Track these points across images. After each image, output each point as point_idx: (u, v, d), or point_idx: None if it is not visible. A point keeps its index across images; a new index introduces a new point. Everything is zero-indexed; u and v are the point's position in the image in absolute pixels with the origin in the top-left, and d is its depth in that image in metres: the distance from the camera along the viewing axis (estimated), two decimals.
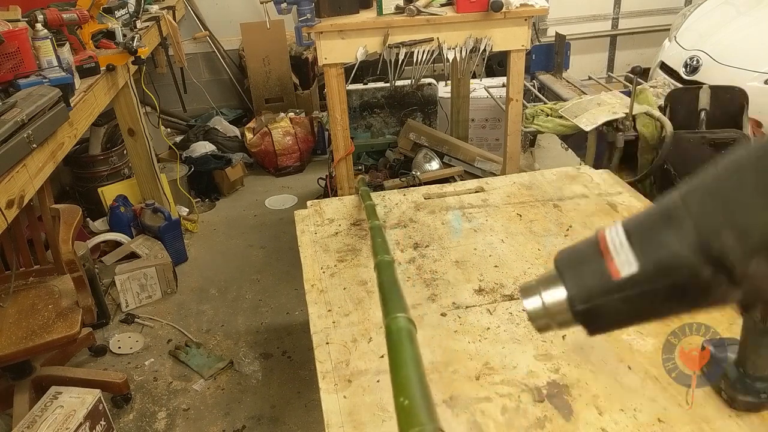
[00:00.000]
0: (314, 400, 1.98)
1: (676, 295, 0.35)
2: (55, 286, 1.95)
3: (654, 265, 0.34)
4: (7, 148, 1.42)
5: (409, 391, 0.59)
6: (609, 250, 0.36)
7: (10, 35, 1.76)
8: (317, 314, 1.22)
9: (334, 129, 2.51)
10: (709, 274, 0.33)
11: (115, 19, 2.73)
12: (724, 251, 0.33)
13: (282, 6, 2.30)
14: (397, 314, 0.75)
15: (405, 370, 0.64)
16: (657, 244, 0.35)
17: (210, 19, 4.21)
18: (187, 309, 2.60)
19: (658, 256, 0.34)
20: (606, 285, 0.36)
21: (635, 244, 0.35)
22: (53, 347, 1.80)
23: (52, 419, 1.67)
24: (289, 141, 3.81)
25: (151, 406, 2.08)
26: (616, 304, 0.36)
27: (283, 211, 3.43)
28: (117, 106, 2.73)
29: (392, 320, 0.75)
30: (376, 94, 3.39)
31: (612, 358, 1.05)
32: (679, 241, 0.34)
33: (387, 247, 1.10)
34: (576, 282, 0.37)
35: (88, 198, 3.13)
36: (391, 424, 0.94)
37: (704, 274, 0.33)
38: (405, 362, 0.66)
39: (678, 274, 0.34)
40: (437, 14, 2.32)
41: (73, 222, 1.81)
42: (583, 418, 0.93)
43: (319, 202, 1.73)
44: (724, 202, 0.33)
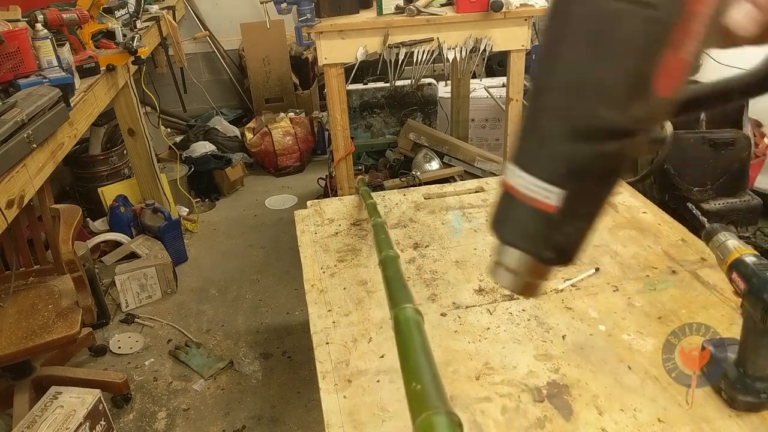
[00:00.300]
0: (314, 400, 1.98)
1: (610, 174, 0.34)
2: (55, 286, 1.95)
3: (568, 179, 0.33)
4: (7, 148, 1.42)
5: (421, 376, 0.59)
6: (525, 194, 0.35)
7: (10, 35, 1.76)
8: (317, 314, 1.22)
9: (334, 129, 2.52)
10: (614, 144, 0.32)
11: (115, 19, 2.73)
12: (609, 122, 0.31)
13: (282, 6, 2.30)
14: (404, 305, 0.76)
15: (415, 356, 0.65)
16: (553, 159, 0.33)
17: (210, 19, 4.21)
18: (187, 309, 2.60)
19: (564, 169, 0.33)
20: (550, 222, 0.35)
21: (539, 174, 0.34)
22: (53, 347, 1.81)
23: (52, 419, 1.67)
24: (289, 141, 3.81)
25: (151, 406, 2.08)
26: (568, 228, 0.35)
27: (283, 211, 3.43)
28: (117, 106, 2.73)
29: (400, 311, 0.75)
30: (376, 94, 3.38)
31: (612, 358, 1.05)
32: (569, 148, 0.32)
33: (391, 242, 1.10)
34: (525, 239, 0.36)
35: (88, 198, 3.13)
36: (391, 424, 0.94)
37: (609, 148, 0.32)
38: (415, 349, 0.66)
39: (593, 167, 0.33)
40: (437, 14, 2.32)
41: (73, 222, 1.81)
42: (583, 418, 0.93)
43: (319, 202, 1.73)
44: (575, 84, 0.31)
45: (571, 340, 1.11)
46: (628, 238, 1.43)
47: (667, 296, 1.21)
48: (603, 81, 0.31)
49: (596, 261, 1.34)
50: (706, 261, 1.31)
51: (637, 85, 0.30)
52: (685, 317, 1.14)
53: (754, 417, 0.90)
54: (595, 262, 1.33)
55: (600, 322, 1.15)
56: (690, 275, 1.27)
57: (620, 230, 1.47)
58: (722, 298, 1.18)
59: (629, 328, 1.12)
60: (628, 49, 0.30)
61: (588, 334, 1.12)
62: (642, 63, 0.30)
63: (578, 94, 0.31)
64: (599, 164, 0.33)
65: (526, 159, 0.35)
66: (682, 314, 1.15)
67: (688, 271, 1.28)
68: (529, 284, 0.39)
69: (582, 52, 0.31)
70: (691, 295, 1.21)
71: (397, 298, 0.79)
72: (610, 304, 1.20)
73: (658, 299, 1.20)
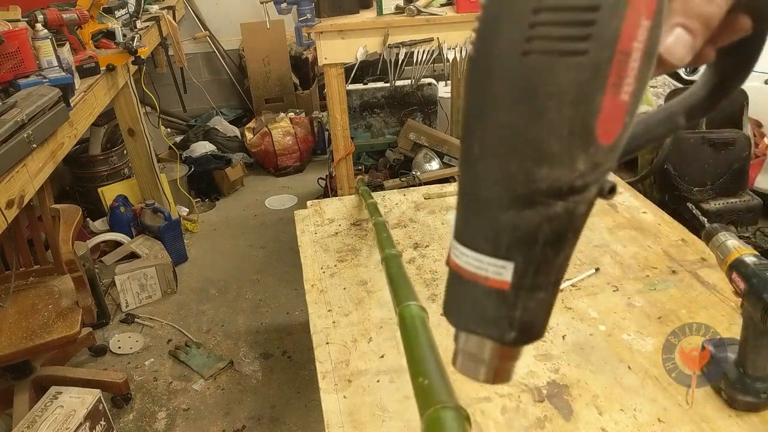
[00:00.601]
0: (314, 400, 1.98)
1: (563, 236, 0.30)
2: (55, 286, 1.95)
3: (518, 250, 0.30)
4: (7, 148, 1.42)
5: (428, 371, 0.59)
6: (474, 273, 0.32)
7: (10, 35, 1.76)
8: (317, 314, 1.22)
9: (334, 129, 2.52)
10: (562, 204, 0.29)
11: (115, 19, 2.74)
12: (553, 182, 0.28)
13: (282, 6, 2.30)
14: (409, 302, 0.76)
15: (421, 352, 0.65)
16: (497, 230, 0.30)
17: (210, 19, 4.21)
18: (187, 309, 2.60)
19: (511, 239, 0.30)
20: (507, 300, 0.31)
21: (484, 249, 0.31)
22: (53, 347, 1.81)
23: (52, 419, 1.67)
24: (289, 141, 3.81)
25: (151, 406, 2.08)
26: (529, 303, 0.32)
27: (283, 211, 3.43)
28: (117, 106, 2.73)
29: (405, 308, 0.75)
30: (376, 94, 3.38)
31: (612, 358, 1.05)
32: (513, 216, 0.30)
33: (392, 241, 1.10)
34: (484, 323, 0.33)
35: (88, 198, 3.13)
36: (391, 424, 0.94)
37: (557, 210, 0.29)
38: (420, 345, 0.67)
39: (543, 233, 0.30)
40: (437, 14, 2.32)
41: (73, 222, 1.81)
42: (583, 418, 0.93)
43: (319, 202, 1.73)
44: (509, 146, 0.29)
45: (571, 340, 1.11)
46: (628, 238, 1.43)
47: (667, 296, 1.21)
48: (539, 139, 0.28)
49: (596, 261, 1.34)
50: (706, 261, 1.31)
51: (578, 137, 0.28)
52: (685, 317, 1.14)
53: (754, 417, 0.90)
54: (595, 262, 1.33)
55: (600, 322, 1.15)
56: (690, 275, 1.27)
57: (620, 230, 1.47)
58: (722, 298, 1.18)
59: (629, 328, 1.12)
60: (562, 101, 0.27)
61: (588, 334, 1.12)
62: (579, 113, 0.27)
63: (514, 156, 0.28)
64: (549, 229, 0.30)
65: (468, 234, 0.32)
66: (682, 314, 1.15)
67: (688, 271, 1.29)
68: (498, 370, 0.35)
69: (512, 112, 0.28)
70: (691, 295, 1.21)
71: (401, 296, 0.80)
72: (610, 304, 1.20)
73: (658, 299, 1.20)
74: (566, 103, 0.27)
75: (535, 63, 0.27)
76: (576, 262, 1.34)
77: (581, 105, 0.27)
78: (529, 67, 0.27)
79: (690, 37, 0.31)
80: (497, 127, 0.29)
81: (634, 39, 0.27)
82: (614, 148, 0.29)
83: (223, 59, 4.29)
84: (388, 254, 0.99)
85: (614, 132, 0.29)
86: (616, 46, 0.27)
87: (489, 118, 0.29)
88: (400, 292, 0.81)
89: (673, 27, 0.30)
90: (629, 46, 0.27)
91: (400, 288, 0.83)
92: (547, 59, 0.27)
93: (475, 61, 0.29)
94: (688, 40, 0.31)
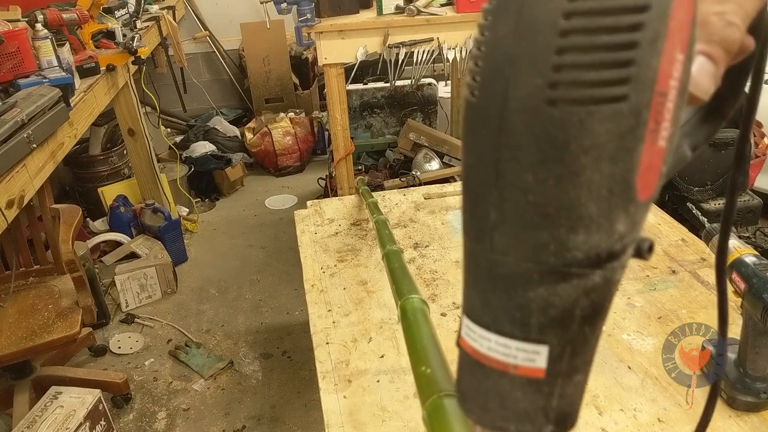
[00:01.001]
0: (314, 400, 1.98)
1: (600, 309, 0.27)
2: (55, 286, 1.95)
3: (553, 330, 0.26)
4: (7, 148, 1.42)
5: (429, 360, 0.60)
6: (502, 362, 0.27)
7: (10, 35, 1.76)
8: (317, 314, 1.22)
9: (334, 129, 2.52)
10: (600, 273, 0.25)
11: (115, 19, 2.73)
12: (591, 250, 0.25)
13: (282, 6, 2.30)
14: (410, 295, 0.76)
15: (422, 342, 0.65)
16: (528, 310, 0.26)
17: (210, 19, 4.21)
18: (187, 309, 2.60)
19: (545, 319, 0.26)
20: (542, 389, 0.27)
21: (512, 333, 0.26)
22: (53, 347, 1.81)
23: (52, 419, 1.66)
24: (289, 141, 3.81)
25: (151, 406, 2.08)
26: (567, 389, 0.27)
27: (283, 211, 3.43)
28: (117, 106, 2.73)
29: (406, 301, 0.75)
30: (376, 94, 3.38)
31: (612, 358, 1.05)
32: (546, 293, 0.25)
33: (393, 238, 1.10)
34: (518, 419, 0.27)
35: (88, 198, 3.13)
36: (391, 424, 0.94)
37: (596, 280, 0.25)
38: (422, 336, 0.67)
39: (580, 308, 0.26)
40: (437, 14, 2.32)
41: (73, 222, 1.81)
42: (583, 418, 0.93)
43: (319, 202, 1.73)
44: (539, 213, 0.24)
45: None
46: None
47: (667, 296, 1.21)
48: (575, 203, 0.24)
49: None
50: (706, 261, 1.31)
51: (618, 196, 0.24)
52: (685, 317, 1.14)
53: (754, 417, 0.90)
54: None
55: None
56: (690, 275, 1.27)
57: None
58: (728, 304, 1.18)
59: (629, 328, 1.12)
60: (600, 157, 0.23)
61: None
62: (619, 169, 0.24)
63: (544, 224, 0.24)
64: (587, 302, 0.25)
65: (488, 315, 0.27)
66: (682, 314, 1.15)
67: (688, 271, 1.28)
68: None
69: (538, 172, 0.24)
70: (691, 295, 1.21)
71: (402, 290, 0.80)
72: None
73: (658, 299, 1.20)
74: (605, 158, 0.23)
75: (565, 113, 0.23)
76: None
77: (622, 160, 0.24)
78: (557, 119, 0.23)
79: (713, 66, 0.28)
80: (520, 191, 0.24)
81: (670, 77, 0.24)
82: (650, 202, 0.26)
83: (223, 59, 4.29)
84: (389, 250, 0.99)
85: (653, 185, 0.25)
86: (655, 87, 0.23)
87: (507, 181, 0.24)
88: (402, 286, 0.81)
89: (695, 56, 0.27)
90: (666, 85, 0.24)
91: (401, 282, 0.83)
92: (579, 108, 0.23)
93: (479, 111, 0.25)
94: (711, 70, 0.28)
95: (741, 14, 0.28)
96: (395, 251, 0.99)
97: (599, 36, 0.22)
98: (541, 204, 0.24)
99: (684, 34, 0.24)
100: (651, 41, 0.23)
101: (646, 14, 0.22)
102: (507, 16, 0.23)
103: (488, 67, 0.24)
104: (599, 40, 0.22)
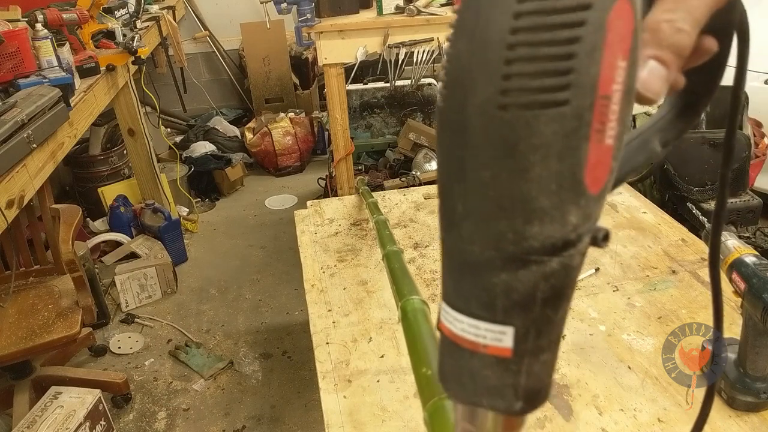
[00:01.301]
0: (314, 400, 1.98)
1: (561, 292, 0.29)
2: (55, 286, 1.95)
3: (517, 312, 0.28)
4: (7, 148, 1.42)
5: (431, 361, 0.60)
6: (473, 341, 0.30)
7: (10, 35, 1.76)
8: (317, 314, 1.22)
9: (334, 129, 2.52)
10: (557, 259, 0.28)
11: (115, 19, 2.74)
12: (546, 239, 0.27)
13: (282, 6, 2.30)
14: (411, 296, 0.76)
15: (424, 343, 0.65)
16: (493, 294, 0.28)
17: (210, 19, 4.21)
18: (187, 309, 2.60)
19: (509, 302, 0.28)
20: (510, 367, 0.29)
21: (481, 315, 0.29)
22: (53, 347, 1.81)
23: (52, 419, 1.67)
24: (289, 141, 3.81)
25: (151, 406, 2.08)
26: (534, 367, 0.30)
27: (283, 211, 3.43)
28: (117, 106, 2.73)
29: (407, 302, 0.75)
30: (376, 94, 3.39)
31: (612, 358, 1.05)
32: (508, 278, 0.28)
33: (393, 238, 1.10)
34: (488, 395, 0.30)
35: (88, 198, 3.13)
36: (391, 424, 0.94)
37: (553, 266, 0.28)
38: (423, 337, 0.67)
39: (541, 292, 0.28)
40: (437, 14, 2.32)
41: (73, 222, 1.81)
42: (583, 418, 0.93)
43: (319, 202, 1.73)
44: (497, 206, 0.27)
45: (571, 340, 1.11)
46: (628, 239, 1.43)
47: (667, 296, 1.21)
48: (527, 196, 0.26)
49: (596, 261, 1.34)
50: (706, 261, 1.30)
51: (567, 190, 0.27)
52: (685, 317, 1.14)
53: (754, 417, 0.90)
54: (595, 262, 1.33)
55: (600, 322, 1.15)
56: (690, 275, 1.27)
57: (620, 230, 1.47)
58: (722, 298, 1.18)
59: (629, 328, 1.12)
60: (548, 155, 0.26)
61: (588, 334, 1.12)
62: (567, 166, 0.26)
63: (502, 216, 0.27)
64: (546, 287, 0.28)
65: (460, 298, 0.30)
66: (682, 314, 1.15)
67: (688, 271, 1.29)
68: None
69: (494, 169, 0.26)
70: (691, 295, 1.21)
71: (403, 291, 0.80)
72: (610, 304, 1.20)
73: (658, 299, 1.20)
74: (552, 156, 0.26)
75: (514, 117, 0.26)
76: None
77: (567, 157, 0.26)
78: (508, 122, 0.26)
79: (664, 69, 0.30)
80: (480, 185, 0.27)
81: (613, 81, 0.26)
82: (603, 195, 0.28)
83: (223, 59, 4.29)
84: (390, 251, 0.99)
85: (603, 179, 0.28)
86: (596, 91, 0.26)
87: (470, 176, 0.27)
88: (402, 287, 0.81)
89: (645, 60, 0.29)
90: (609, 89, 0.26)
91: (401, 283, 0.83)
92: (526, 112, 0.26)
93: (446, 115, 0.28)
94: (662, 73, 0.30)
95: (690, 21, 0.30)
96: (395, 252, 0.99)
97: (541, 48, 0.25)
98: (499, 198, 0.27)
99: (625, 43, 0.26)
100: (588, 52, 0.25)
101: (583, 28, 0.25)
102: (464, 32, 0.26)
103: (451, 77, 0.27)
104: (541, 51, 0.25)
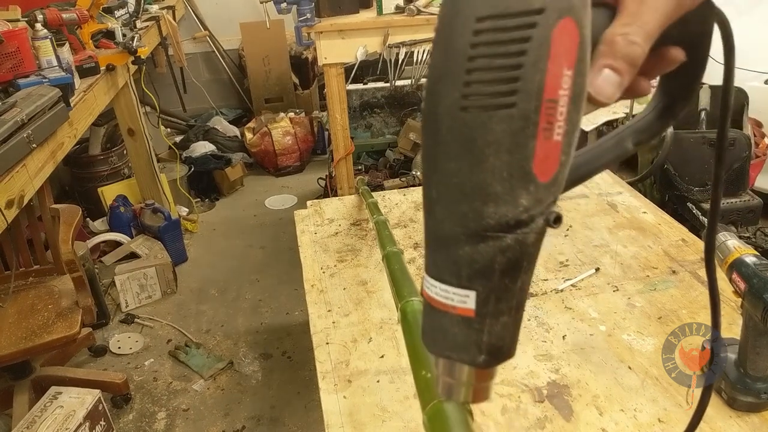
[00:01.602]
0: (314, 400, 1.98)
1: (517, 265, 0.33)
2: (55, 286, 1.95)
3: (477, 280, 0.33)
4: (7, 148, 1.42)
5: (431, 364, 0.59)
6: (442, 302, 0.35)
7: (9, 35, 1.76)
8: (317, 314, 1.22)
9: (334, 129, 2.52)
10: (511, 236, 0.32)
11: (114, 19, 2.73)
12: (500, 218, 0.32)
13: (282, 6, 2.30)
14: (410, 298, 0.76)
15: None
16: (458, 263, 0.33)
17: (210, 19, 4.21)
18: (187, 309, 2.60)
19: (470, 271, 0.33)
20: (473, 326, 0.34)
21: (449, 280, 0.34)
22: (53, 347, 1.81)
23: (51, 419, 1.66)
24: (288, 141, 3.81)
25: (151, 407, 2.08)
26: (494, 327, 0.35)
27: (283, 211, 3.43)
28: (117, 106, 2.73)
29: (406, 304, 0.75)
30: (376, 94, 3.38)
31: (612, 359, 1.05)
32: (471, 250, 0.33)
33: (393, 239, 1.10)
34: (456, 349, 0.36)
35: (88, 198, 3.13)
36: (391, 425, 0.94)
37: (508, 242, 0.32)
38: None
39: (498, 263, 0.33)
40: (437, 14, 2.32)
41: (73, 222, 1.81)
42: (583, 419, 0.93)
43: (319, 202, 1.73)
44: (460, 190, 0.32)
45: (572, 340, 1.10)
46: (628, 238, 1.43)
47: (667, 296, 1.21)
48: (483, 183, 0.31)
49: (596, 261, 1.34)
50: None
51: (517, 179, 0.31)
52: (686, 317, 1.14)
53: (754, 417, 0.90)
54: (595, 262, 1.33)
55: (600, 323, 1.15)
56: (690, 275, 1.27)
57: (620, 230, 1.47)
58: (722, 298, 1.18)
59: (629, 328, 1.12)
60: (499, 149, 0.30)
61: (588, 334, 1.12)
62: (515, 158, 0.31)
63: (464, 199, 0.32)
64: (503, 259, 0.33)
65: (435, 268, 0.35)
66: (683, 314, 1.15)
67: (688, 271, 1.28)
68: (477, 390, 0.38)
69: (457, 161, 0.31)
70: (691, 295, 1.21)
71: (402, 292, 0.79)
72: (610, 305, 1.20)
73: (658, 299, 1.20)
74: (503, 150, 0.30)
75: (472, 117, 0.30)
76: (576, 262, 1.34)
77: (516, 151, 0.30)
78: (467, 121, 0.30)
79: (617, 77, 0.34)
80: (447, 174, 0.32)
81: (559, 88, 0.30)
82: (554, 183, 0.32)
83: (222, 59, 4.29)
84: (389, 252, 0.99)
85: (551, 170, 0.32)
86: (542, 96, 0.30)
87: (440, 167, 0.32)
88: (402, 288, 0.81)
89: (601, 68, 0.33)
90: (555, 94, 0.30)
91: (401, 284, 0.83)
92: (482, 113, 0.30)
93: (426, 116, 0.33)
94: (615, 79, 0.34)
95: (642, 35, 0.33)
96: (395, 253, 0.98)
97: (495, 60, 0.29)
98: (461, 184, 0.32)
99: (570, 55, 0.30)
100: (533, 63, 0.29)
101: (528, 43, 0.29)
102: (439, 45, 0.32)
103: (428, 85, 0.32)
104: (495, 62, 0.29)
